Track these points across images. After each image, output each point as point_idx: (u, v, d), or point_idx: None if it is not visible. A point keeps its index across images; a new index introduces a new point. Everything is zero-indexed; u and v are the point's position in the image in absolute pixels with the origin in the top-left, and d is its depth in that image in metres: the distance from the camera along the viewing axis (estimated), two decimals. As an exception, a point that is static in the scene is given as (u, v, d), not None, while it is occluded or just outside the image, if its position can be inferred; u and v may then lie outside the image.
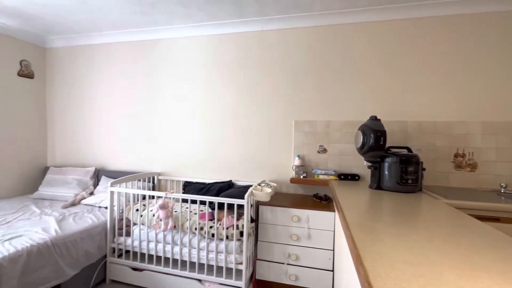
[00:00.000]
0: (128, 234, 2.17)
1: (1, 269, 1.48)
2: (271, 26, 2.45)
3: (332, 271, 1.90)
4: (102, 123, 2.98)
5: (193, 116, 2.69)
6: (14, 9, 2.34)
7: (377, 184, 1.80)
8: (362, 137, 1.79)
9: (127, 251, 2.20)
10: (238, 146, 2.57)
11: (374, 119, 1.84)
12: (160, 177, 2.76)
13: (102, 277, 2.18)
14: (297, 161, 2.32)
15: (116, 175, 2.79)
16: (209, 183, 2.53)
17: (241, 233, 1.88)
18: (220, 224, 1.96)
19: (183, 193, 2.51)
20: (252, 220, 1.97)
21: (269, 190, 1.98)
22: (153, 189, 2.73)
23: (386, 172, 1.75)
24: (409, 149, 1.89)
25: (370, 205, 1.36)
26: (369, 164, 1.88)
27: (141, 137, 2.85)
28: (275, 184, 2.17)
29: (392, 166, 1.72)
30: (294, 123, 2.42)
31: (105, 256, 2.18)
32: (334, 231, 1.91)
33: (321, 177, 2.21)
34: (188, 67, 2.69)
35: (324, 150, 2.35)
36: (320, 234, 1.93)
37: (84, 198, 2.62)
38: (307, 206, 1.98)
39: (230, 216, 1.95)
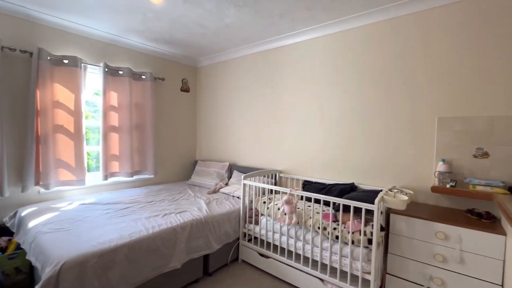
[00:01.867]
0: (256, 222, 2.45)
1: (176, 232, 2.00)
2: (406, 10, 2.14)
3: (501, 312, 1.45)
4: (235, 126, 3.51)
5: (315, 117, 2.72)
6: (180, 40, 3.12)
7: None
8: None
9: (256, 238, 2.49)
10: (363, 147, 2.40)
11: None
12: (281, 175, 2.96)
13: (236, 256, 2.56)
14: (441, 167, 1.92)
15: (245, 170, 3.21)
16: (329, 184, 2.49)
17: (369, 241, 1.74)
18: (344, 227, 1.89)
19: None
20: (382, 229, 1.79)
21: (405, 197, 1.74)
22: (275, 185, 2.96)
23: None
24: None
25: None
26: None
27: (266, 138, 3.15)
28: (411, 192, 1.88)
29: None
30: (437, 120, 2.02)
31: (238, 238, 2.55)
32: (504, 260, 1.45)
33: (479, 188, 1.73)
34: (310, 68, 2.75)
35: (485, 154, 1.83)
36: (480, 260, 1.52)
37: (222, 187, 3.16)
38: (458, 223, 1.60)
39: (356, 220, 1.84)
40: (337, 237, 1.89)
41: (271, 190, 2.70)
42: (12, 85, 2.31)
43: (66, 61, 2.54)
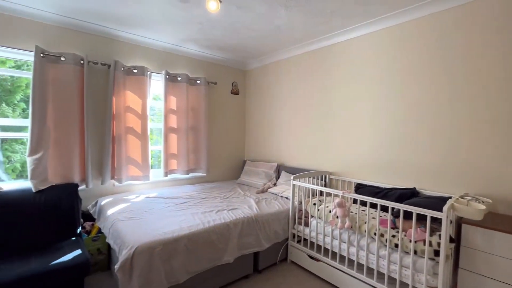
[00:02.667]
0: (306, 224, 2.42)
1: (230, 228, 2.10)
2: (482, -6, 1.88)
3: None
4: (283, 126, 3.53)
5: (368, 117, 2.58)
6: (232, 46, 3.27)
7: None
8: None
9: (305, 239, 2.46)
10: (426, 149, 2.18)
11: None
12: (331, 177, 2.87)
13: (285, 256, 2.57)
14: (530, 173, 1.63)
15: (293, 171, 3.20)
16: (385, 188, 2.33)
17: (435, 252, 1.57)
18: (405, 235, 1.74)
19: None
20: (451, 240, 1.60)
21: (481, 206, 1.53)
22: (325, 187, 2.88)
23: None
24: None
25: None
26: None
27: (315, 138, 3.09)
28: (489, 200, 1.65)
29: None
30: (524, 118, 1.72)
31: (287, 239, 2.56)
32: None
33: None
34: (363, 65, 2.62)
35: None
36: None
37: (270, 187, 3.20)
38: (556, 240, 1.34)
39: (419, 229, 1.68)
40: (396, 245, 1.76)
41: (321, 191, 2.64)
42: (94, 93, 2.71)
43: (135, 71, 2.89)
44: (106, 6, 2.29)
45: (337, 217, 2.07)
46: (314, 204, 2.39)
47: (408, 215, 1.75)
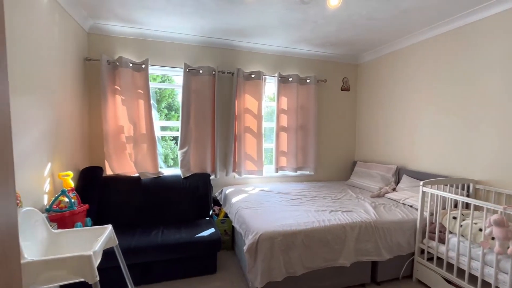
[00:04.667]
0: (441, 241, 2.02)
1: (346, 230, 2.01)
2: None
3: None
4: (403, 124, 3.08)
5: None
6: (345, 40, 3.10)
7: None
8: None
9: (439, 258, 2.05)
10: None
11: None
12: (478, 186, 2.27)
13: (409, 273, 2.24)
14: None
15: (418, 176, 2.74)
16: None
17: None
18: None
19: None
20: None
21: None
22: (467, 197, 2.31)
23: None
24: None
25: None
26: None
27: (452, 138, 2.53)
28: None
29: None
30: None
31: (413, 253, 2.21)
32: None
33: None
34: (537, 40, 1.93)
35: None
36: None
37: (388, 192, 2.86)
38: None
39: None
40: None
41: (465, 203, 2.12)
42: (222, 98, 3.19)
43: (253, 76, 3.21)
44: (233, 21, 2.64)
45: (493, 238, 1.62)
46: (454, 218, 1.95)
47: None
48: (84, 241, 1.46)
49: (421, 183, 2.17)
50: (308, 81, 3.47)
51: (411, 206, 2.47)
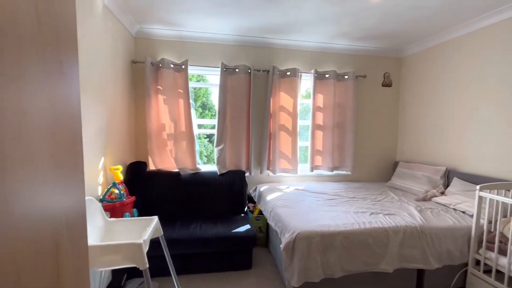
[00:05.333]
0: (502, 252, 1.80)
1: (388, 234, 1.90)
2: None
3: None
4: (452, 122, 2.80)
5: None
6: (387, 32, 2.91)
7: None
8: None
9: (498, 271, 1.84)
10: None
11: None
12: (549, 193, 1.98)
13: (461, 285, 2.04)
14: None
15: (472, 179, 2.47)
16: None
17: None
18: None
19: None
20: None
21: None
22: (534, 206, 2.03)
23: None
24: None
25: None
26: None
27: (504, 136, 2.24)
28: None
29: None
30: None
31: (466, 264, 2.01)
32: None
33: None
34: None
35: None
36: None
37: (435, 196, 2.63)
38: None
39: None
40: None
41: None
42: (257, 96, 3.20)
43: (288, 73, 3.17)
44: (270, 19, 2.64)
45: None
46: (519, 227, 1.73)
47: None
48: (133, 230, 1.58)
49: (478, 187, 1.95)
50: (346, 77, 3.33)
51: (463, 212, 2.24)
